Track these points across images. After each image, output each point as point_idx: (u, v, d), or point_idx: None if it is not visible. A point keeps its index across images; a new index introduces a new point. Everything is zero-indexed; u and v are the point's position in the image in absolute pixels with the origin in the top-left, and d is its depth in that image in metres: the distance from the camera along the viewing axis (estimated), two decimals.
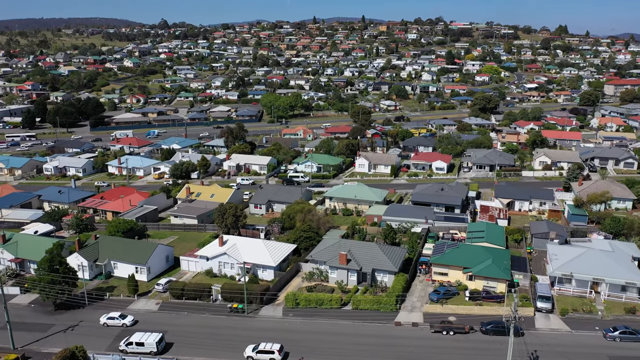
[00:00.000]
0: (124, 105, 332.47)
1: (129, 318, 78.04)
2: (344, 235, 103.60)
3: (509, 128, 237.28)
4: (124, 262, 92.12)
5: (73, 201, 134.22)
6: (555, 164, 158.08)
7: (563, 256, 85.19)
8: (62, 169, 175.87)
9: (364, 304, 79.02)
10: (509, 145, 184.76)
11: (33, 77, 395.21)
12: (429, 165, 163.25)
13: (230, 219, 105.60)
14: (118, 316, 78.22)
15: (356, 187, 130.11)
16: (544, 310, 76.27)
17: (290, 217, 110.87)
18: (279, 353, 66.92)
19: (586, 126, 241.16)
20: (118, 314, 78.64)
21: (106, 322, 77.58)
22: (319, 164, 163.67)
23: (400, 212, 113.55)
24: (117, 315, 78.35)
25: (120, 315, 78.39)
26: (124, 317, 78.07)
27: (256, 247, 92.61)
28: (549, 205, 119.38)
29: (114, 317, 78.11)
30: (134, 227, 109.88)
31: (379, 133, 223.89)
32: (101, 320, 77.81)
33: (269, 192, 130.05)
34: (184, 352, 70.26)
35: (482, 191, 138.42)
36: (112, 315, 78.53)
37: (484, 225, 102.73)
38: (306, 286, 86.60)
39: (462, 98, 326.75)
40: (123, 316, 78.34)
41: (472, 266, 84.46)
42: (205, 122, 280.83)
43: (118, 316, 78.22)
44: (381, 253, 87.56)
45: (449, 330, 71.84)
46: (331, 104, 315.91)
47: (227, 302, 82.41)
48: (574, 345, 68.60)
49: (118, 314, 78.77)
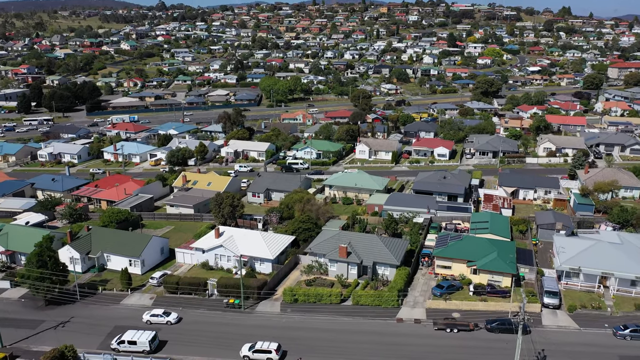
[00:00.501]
0: (120, 89, 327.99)
1: (173, 315, 74.19)
2: (344, 225, 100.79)
3: (512, 112, 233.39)
4: (117, 255, 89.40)
5: (67, 189, 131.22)
6: (560, 150, 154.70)
7: (570, 249, 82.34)
8: (56, 155, 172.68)
9: (365, 300, 76.42)
10: (512, 131, 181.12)
11: (29, 61, 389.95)
12: (431, 152, 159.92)
13: (227, 209, 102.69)
14: (162, 313, 74.32)
15: (356, 175, 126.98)
16: (551, 306, 73.65)
17: (288, 207, 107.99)
18: (276, 353, 64.42)
19: (590, 110, 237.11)
20: (162, 311, 74.56)
21: (149, 319, 73.77)
22: (318, 150, 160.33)
23: (402, 201, 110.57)
24: (161, 313, 74.41)
25: (164, 312, 74.36)
26: (167, 315, 74.10)
27: (253, 239, 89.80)
28: (555, 194, 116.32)
29: (157, 315, 74.10)
30: (128, 218, 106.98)
31: (379, 118, 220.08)
32: (144, 318, 74.10)
33: (267, 180, 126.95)
34: (178, 350, 67.78)
35: (485, 179, 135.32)
36: (155, 312, 74.56)
37: (488, 216, 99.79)
38: (305, 280, 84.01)
39: (463, 81, 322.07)
40: (167, 313, 74.39)
41: (476, 259, 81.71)
42: (204, 106, 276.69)
43: (162, 313, 74.32)
44: (382, 245, 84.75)
45: (453, 328, 69.30)
46: (331, 87, 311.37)
47: (223, 297, 79.83)
48: (582, 344, 66.08)
49: (162, 311, 74.68)
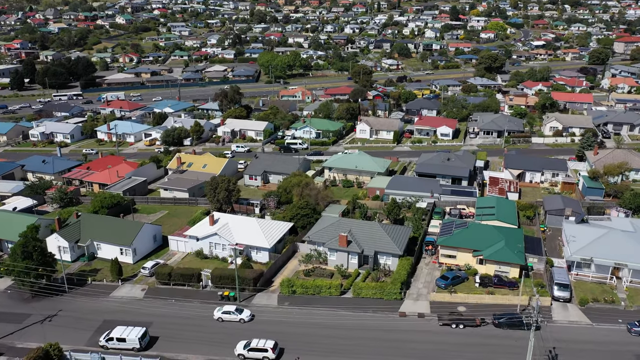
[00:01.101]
0: (116, 64, 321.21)
1: (246, 313, 69.41)
2: (344, 211, 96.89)
3: (516, 89, 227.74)
4: (107, 243, 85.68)
5: (58, 171, 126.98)
6: (567, 130, 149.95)
7: (582, 238, 78.48)
8: (49, 134, 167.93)
9: (366, 292, 72.91)
10: (517, 109, 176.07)
11: (22, 35, 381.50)
12: (434, 131, 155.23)
13: (222, 194, 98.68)
14: (234, 310, 69.47)
15: (357, 157, 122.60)
16: (562, 299, 70.13)
17: (286, 191, 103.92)
18: (272, 351, 61.08)
19: (596, 87, 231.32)
20: (234, 308, 69.73)
21: (221, 316, 69.11)
22: (318, 130, 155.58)
23: (404, 184, 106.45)
24: (233, 309, 69.53)
25: (237, 309, 69.58)
26: (240, 312, 69.36)
27: (249, 227, 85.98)
28: (562, 177, 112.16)
29: (229, 312, 69.31)
30: (120, 202, 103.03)
31: (380, 95, 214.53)
32: (215, 315, 69.39)
33: (264, 162, 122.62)
34: (170, 347, 64.49)
35: (490, 160, 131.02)
36: (227, 309, 69.60)
37: (494, 201, 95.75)
38: (303, 270, 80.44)
39: (466, 56, 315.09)
40: (240, 310, 69.63)
41: (482, 249, 77.98)
42: (201, 82, 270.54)
43: (234, 310, 69.47)
44: (384, 234, 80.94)
45: (459, 324, 65.87)
46: (331, 63, 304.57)
47: (218, 289, 76.34)
48: (595, 342, 62.73)
49: (234, 307, 69.90)
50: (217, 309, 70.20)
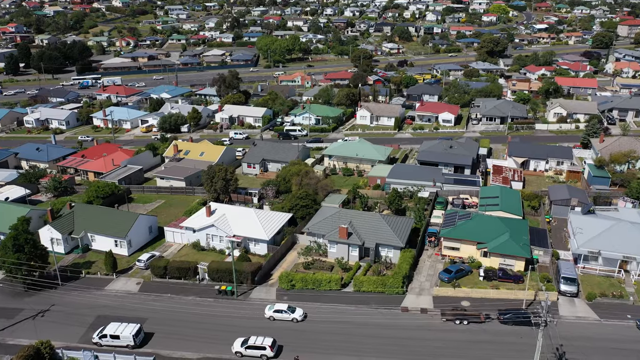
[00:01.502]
0: (112, 49, 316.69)
1: (299, 312, 65.89)
2: (344, 201, 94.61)
3: (519, 74, 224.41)
4: (101, 235, 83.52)
5: (52, 160, 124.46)
6: (571, 116, 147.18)
7: (589, 229, 76.28)
8: (44, 121, 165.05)
9: (367, 286, 70.86)
10: (520, 94, 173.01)
11: (17, 19, 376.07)
12: (435, 117, 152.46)
13: (219, 183, 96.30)
14: (286, 309, 65.99)
15: (357, 144, 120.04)
16: (569, 294, 68.15)
17: (285, 180, 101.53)
18: (271, 349, 59.17)
19: (600, 71, 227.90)
20: (286, 306, 66.45)
21: (272, 315, 65.81)
22: (317, 116, 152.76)
23: (406, 173, 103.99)
24: (285, 308, 66.09)
25: (289, 308, 66.23)
26: (293, 311, 66.00)
27: (247, 218, 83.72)
28: (568, 165, 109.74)
29: (281, 310, 65.91)
30: (115, 192, 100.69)
31: (381, 79, 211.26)
32: (266, 313, 66.19)
33: (263, 149, 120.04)
34: (165, 344, 62.59)
35: (493, 147, 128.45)
36: (279, 307, 66.23)
37: (498, 190, 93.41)
38: (303, 262, 78.35)
39: (468, 40, 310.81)
40: (292, 309, 66.20)
41: (487, 241, 75.83)
42: (199, 67, 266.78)
43: (286, 309, 65.99)
44: (386, 225, 78.73)
45: (463, 320, 63.95)
46: (331, 47, 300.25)
47: (215, 283, 74.36)
48: (604, 338, 60.82)
49: (286, 306, 66.53)
50: (267, 307, 66.96)
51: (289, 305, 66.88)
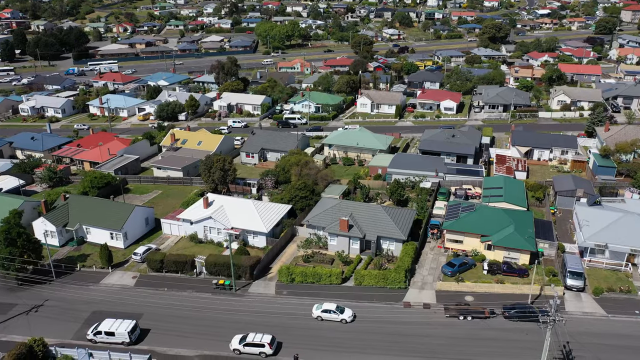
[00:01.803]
0: (109, 35, 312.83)
1: (348, 312, 62.61)
2: (344, 191, 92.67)
3: (521, 60, 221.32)
4: (97, 227, 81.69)
5: (47, 149, 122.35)
6: (575, 104, 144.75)
7: (595, 222, 74.41)
8: (39, 109, 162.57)
9: (368, 280, 69.21)
10: (523, 81, 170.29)
11: (12, 4, 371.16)
12: (437, 105, 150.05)
13: (217, 174, 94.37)
14: (335, 309, 62.60)
15: (358, 133, 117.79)
16: (575, 288, 66.48)
17: (285, 170, 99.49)
18: (270, 346, 57.55)
19: (604, 58, 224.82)
20: (334, 306, 63.01)
21: (320, 315, 62.63)
22: (317, 104, 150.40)
23: (407, 163, 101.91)
24: (334, 308, 62.71)
25: (338, 308, 62.86)
26: (341, 311, 62.67)
27: (246, 210, 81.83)
28: (572, 155, 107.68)
29: (329, 310, 62.65)
30: (111, 182, 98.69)
31: (381, 66, 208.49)
32: (314, 313, 62.99)
33: (261, 138, 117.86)
34: (162, 341, 61.00)
35: (496, 136, 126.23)
36: (327, 307, 62.93)
37: (501, 181, 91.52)
38: (302, 255, 76.66)
39: (470, 26, 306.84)
40: (341, 309, 62.85)
41: (491, 234, 74.03)
42: (197, 53, 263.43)
43: (335, 309, 62.60)
44: (387, 218, 76.87)
45: (467, 315, 62.35)
46: (331, 33, 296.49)
47: (213, 277, 72.67)
48: (612, 335, 59.22)
49: (334, 305, 63.07)
50: (315, 307, 63.67)
51: (337, 305, 63.37)
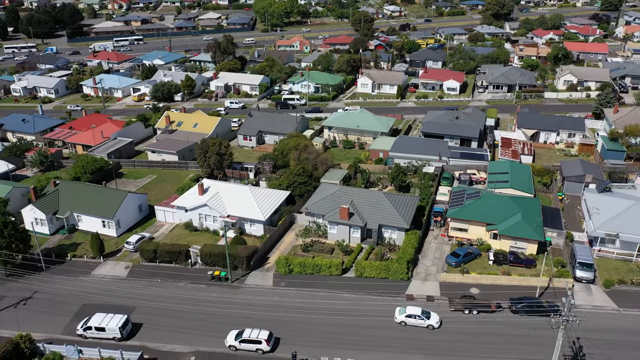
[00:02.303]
0: (104, 12, 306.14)
1: (435, 317, 57.89)
2: (345, 176, 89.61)
3: (526, 38, 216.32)
4: (88, 215, 78.83)
5: (39, 131, 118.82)
6: (582, 84, 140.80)
7: (606, 210, 71.56)
8: (32, 89, 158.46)
9: (369, 272, 66.60)
10: (528, 60, 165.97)
11: None
12: (440, 85, 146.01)
13: (213, 158, 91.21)
14: (420, 314, 57.87)
15: (359, 115, 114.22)
16: (585, 280, 63.90)
17: (283, 154, 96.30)
18: (267, 343, 55.11)
19: (610, 35, 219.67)
20: (420, 310, 58.30)
21: (404, 320, 58.05)
22: (316, 84, 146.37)
23: (410, 146, 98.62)
24: (419, 313, 57.96)
25: (424, 313, 58.22)
26: (428, 316, 57.94)
27: (243, 197, 78.88)
28: (580, 138, 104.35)
29: (414, 315, 57.85)
30: (104, 167, 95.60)
31: (382, 44, 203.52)
32: (397, 317, 58.25)
33: (259, 120, 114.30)
34: (154, 336, 58.58)
35: (501, 117, 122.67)
36: (412, 311, 58.07)
37: (507, 165, 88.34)
38: (301, 244, 73.95)
39: (472, 2, 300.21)
40: (427, 314, 58.12)
41: (497, 222, 71.25)
42: (193, 31, 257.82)
43: (420, 314, 57.87)
44: (389, 205, 73.93)
45: (472, 309, 59.84)
46: (330, 9, 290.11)
47: (208, 267, 70.04)
48: (624, 331, 56.78)
49: (419, 310, 58.40)
50: (398, 310, 58.76)
51: (423, 310, 58.72)
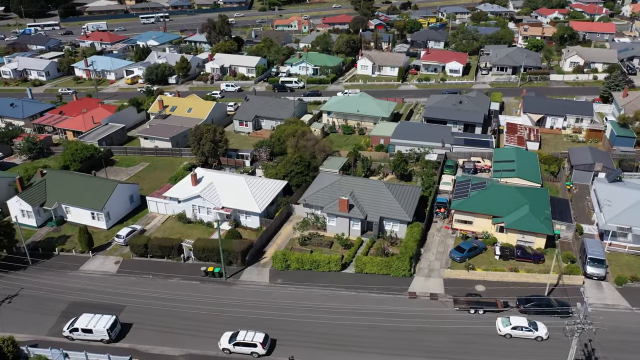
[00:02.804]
0: None
1: (543, 329, 52.81)
2: (344, 164, 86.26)
3: (530, 17, 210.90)
4: (76, 207, 75.59)
5: (28, 116, 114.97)
6: (589, 65, 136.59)
7: (617, 201, 68.40)
8: (22, 71, 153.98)
9: (370, 268, 63.65)
10: (532, 41, 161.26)
11: None
12: (442, 67, 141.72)
13: (208, 146, 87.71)
14: (527, 325, 52.67)
15: (359, 99, 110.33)
16: (596, 277, 61.01)
17: (280, 141, 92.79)
18: (262, 346, 52.31)
19: (617, 14, 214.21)
20: (525, 322, 52.98)
21: (510, 333, 52.57)
22: (315, 66, 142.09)
23: (411, 133, 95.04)
24: (526, 324, 52.70)
25: (531, 324, 52.97)
26: (535, 327, 52.81)
27: (238, 187, 75.56)
28: (588, 123, 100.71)
29: (521, 327, 52.56)
30: (94, 155, 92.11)
31: (383, 24, 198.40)
32: (501, 330, 52.47)
33: (256, 105, 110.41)
34: (144, 338, 55.80)
35: (505, 101, 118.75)
36: (518, 322, 52.86)
37: (513, 153, 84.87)
38: (299, 237, 70.92)
39: None
40: (534, 325, 53.00)
41: (503, 215, 68.11)
42: (189, 10, 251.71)
43: (527, 325, 52.67)
44: (391, 197, 70.72)
45: (478, 309, 56.98)
46: None
47: (201, 262, 67.06)
48: (637, 332, 53.99)
49: (525, 321, 53.12)
50: (501, 322, 53.08)
51: (529, 321, 53.87)
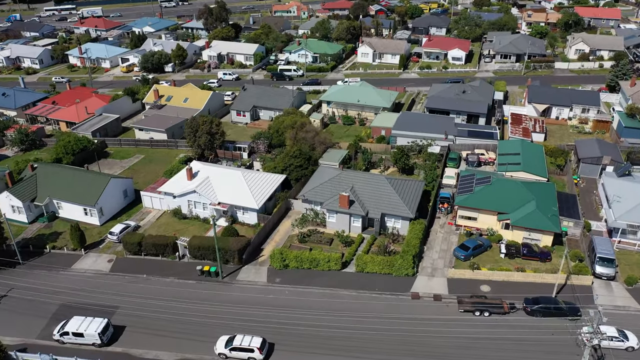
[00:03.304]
0: None
1: (634, 339, 50.22)
2: (344, 157, 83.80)
3: (534, 2, 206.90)
4: (68, 202, 73.31)
5: (21, 106, 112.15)
6: (594, 53, 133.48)
7: (627, 197, 66.15)
8: (15, 59, 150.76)
9: (372, 267, 61.55)
10: (536, 27, 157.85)
11: None
12: (444, 55, 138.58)
13: (203, 138, 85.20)
14: (618, 335, 50.02)
15: (359, 88, 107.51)
16: (605, 277, 58.95)
17: (279, 133, 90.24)
18: (260, 351, 50.33)
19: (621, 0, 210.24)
20: (615, 331, 50.16)
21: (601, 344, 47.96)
22: (314, 53, 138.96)
23: (414, 124, 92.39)
24: (616, 334, 49.98)
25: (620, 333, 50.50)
26: (625, 337, 50.27)
27: (234, 182, 73.18)
28: (594, 114, 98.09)
29: (611, 337, 49.08)
30: (87, 147, 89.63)
31: (383, 9, 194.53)
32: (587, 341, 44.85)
33: (253, 94, 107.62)
34: (137, 341, 53.82)
35: (509, 90, 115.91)
36: (610, 332, 49.39)
37: (518, 145, 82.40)
38: (297, 234, 68.76)
39: None
40: (623, 334, 50.60)
41: (509, 211, 65.89)
42: None
43: (618, 335, 50.02)
44: (393, 192, 68.39)
45: (483, 311, 54.97)
46: None
47: (197, 261, 64.94)
48: None
49: (614, 330, 50.21)
50: (585, 330, 45.73)
51: (619, 330, 51.00)
